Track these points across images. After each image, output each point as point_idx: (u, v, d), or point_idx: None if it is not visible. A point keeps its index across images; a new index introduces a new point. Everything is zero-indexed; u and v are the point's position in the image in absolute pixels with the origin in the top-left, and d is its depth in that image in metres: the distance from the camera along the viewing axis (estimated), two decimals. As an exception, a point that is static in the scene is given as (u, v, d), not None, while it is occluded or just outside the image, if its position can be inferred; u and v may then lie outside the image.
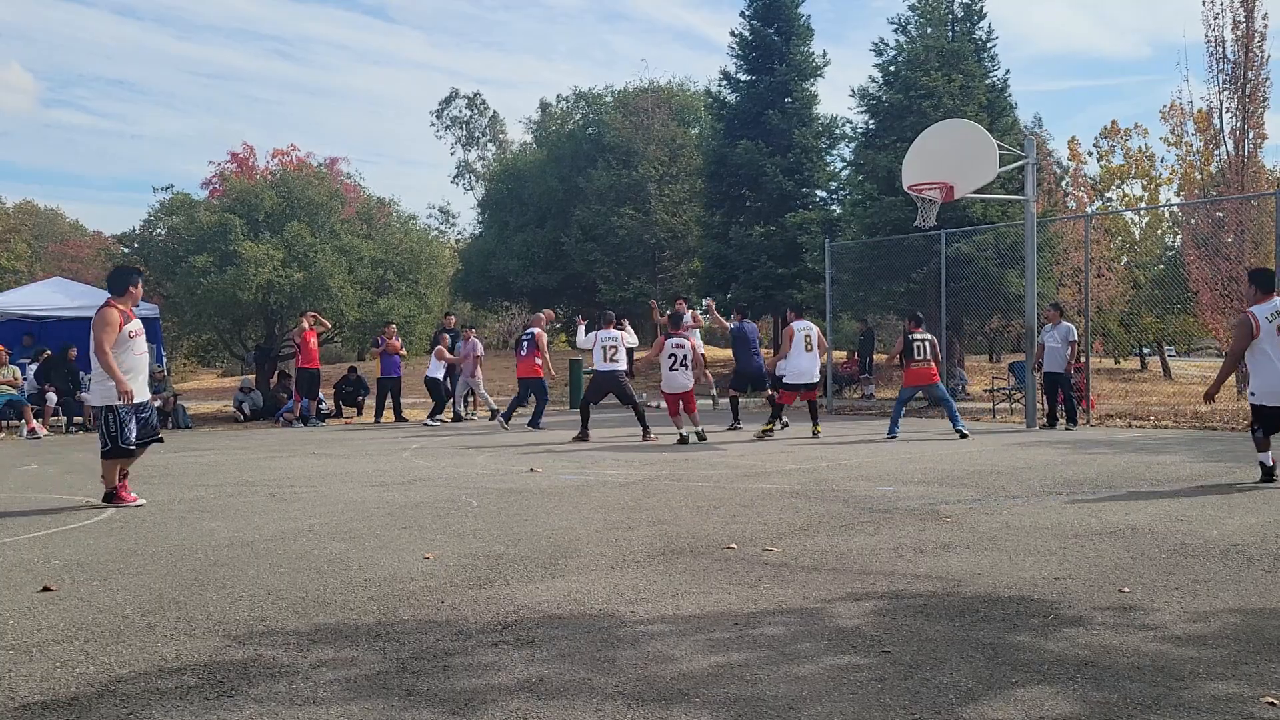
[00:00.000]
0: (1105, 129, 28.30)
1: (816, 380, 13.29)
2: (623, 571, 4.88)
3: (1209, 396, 8.61)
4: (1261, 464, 7.82)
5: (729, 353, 18.47)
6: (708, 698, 3.09)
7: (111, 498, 7.40)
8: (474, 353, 17.11)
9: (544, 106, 44.35)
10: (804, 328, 13.16)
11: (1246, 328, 7.85)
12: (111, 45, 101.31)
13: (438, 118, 61.34)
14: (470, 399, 17.98)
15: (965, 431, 12.50)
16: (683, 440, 11.95)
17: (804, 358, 13.02)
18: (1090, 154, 28.00)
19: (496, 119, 60.93)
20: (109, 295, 7.47)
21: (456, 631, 3.86)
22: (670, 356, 12.26)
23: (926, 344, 13.02)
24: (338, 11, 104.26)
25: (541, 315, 16.68)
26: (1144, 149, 26.43)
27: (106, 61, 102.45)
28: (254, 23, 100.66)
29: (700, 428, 12.31)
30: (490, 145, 59.95)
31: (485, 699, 3.11)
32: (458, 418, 17.31)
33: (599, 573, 4.86)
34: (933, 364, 13.07)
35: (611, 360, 12.88)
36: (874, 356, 23.41)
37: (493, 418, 16.06)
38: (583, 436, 12.52)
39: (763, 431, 13.02)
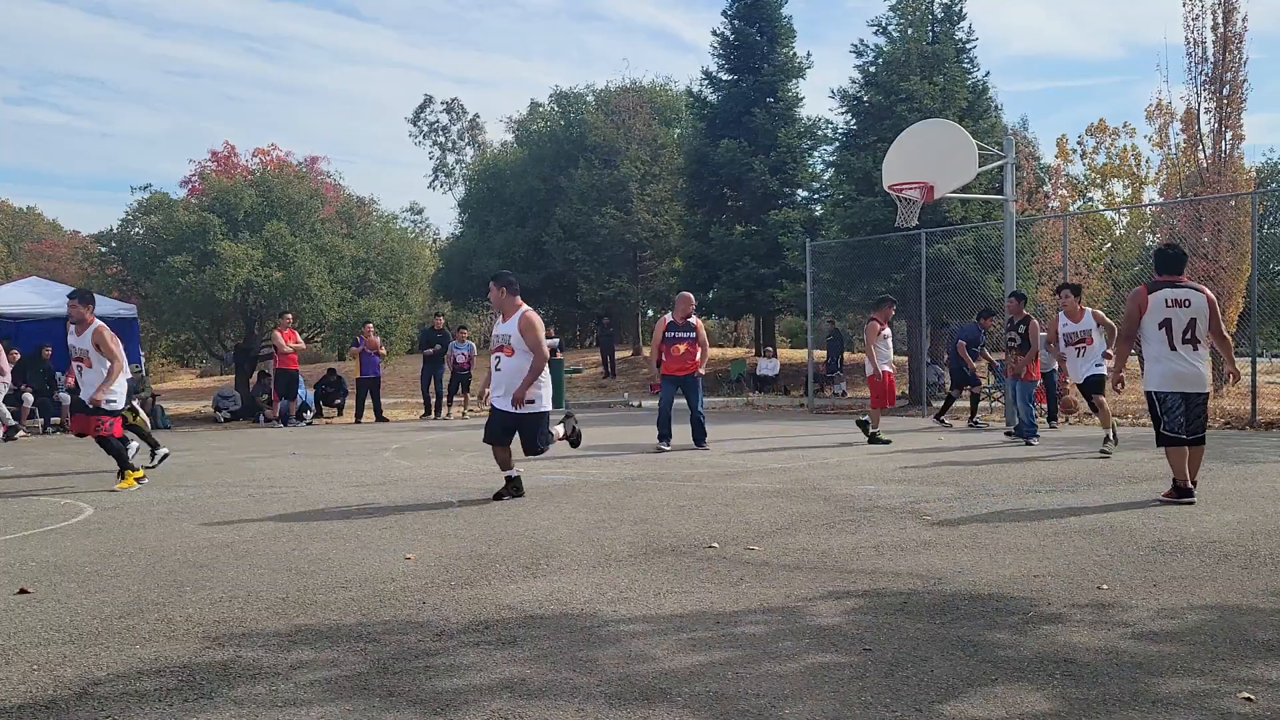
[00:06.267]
0: (1091, 126, 27.89)
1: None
2: (604, 571, 4.88)
3: None
4: None
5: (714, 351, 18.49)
6: (689, 696, 3.09)
7: None
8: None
9: (534, 106, 44.25)
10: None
11: None
12: (84, 43, 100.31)
13: (414, 124, 60.98)
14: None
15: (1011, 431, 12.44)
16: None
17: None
18: (1074, 150, 27.91)
19: (477, 123, 60.66)
20: None
21: (438, 632, 3.85)
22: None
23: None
24: (310, 10, 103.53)
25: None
26: (1131, 147, 26.34)
27: (79, 60, 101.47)
28: (228, 21, 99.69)
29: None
30: (468, 149, 59.66)
31: (466, 699, 3.10)
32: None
33: (581, 572, 4.86)
34: None
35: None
36: (843, 355, 23.73)
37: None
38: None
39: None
